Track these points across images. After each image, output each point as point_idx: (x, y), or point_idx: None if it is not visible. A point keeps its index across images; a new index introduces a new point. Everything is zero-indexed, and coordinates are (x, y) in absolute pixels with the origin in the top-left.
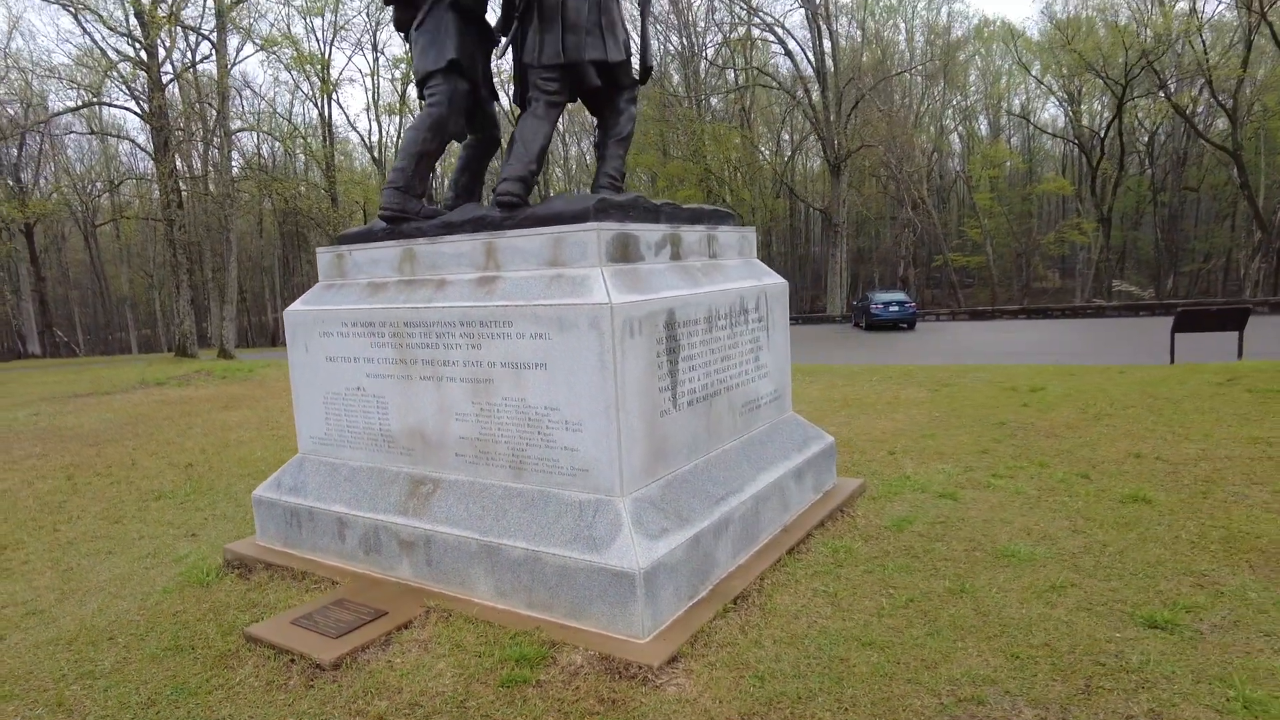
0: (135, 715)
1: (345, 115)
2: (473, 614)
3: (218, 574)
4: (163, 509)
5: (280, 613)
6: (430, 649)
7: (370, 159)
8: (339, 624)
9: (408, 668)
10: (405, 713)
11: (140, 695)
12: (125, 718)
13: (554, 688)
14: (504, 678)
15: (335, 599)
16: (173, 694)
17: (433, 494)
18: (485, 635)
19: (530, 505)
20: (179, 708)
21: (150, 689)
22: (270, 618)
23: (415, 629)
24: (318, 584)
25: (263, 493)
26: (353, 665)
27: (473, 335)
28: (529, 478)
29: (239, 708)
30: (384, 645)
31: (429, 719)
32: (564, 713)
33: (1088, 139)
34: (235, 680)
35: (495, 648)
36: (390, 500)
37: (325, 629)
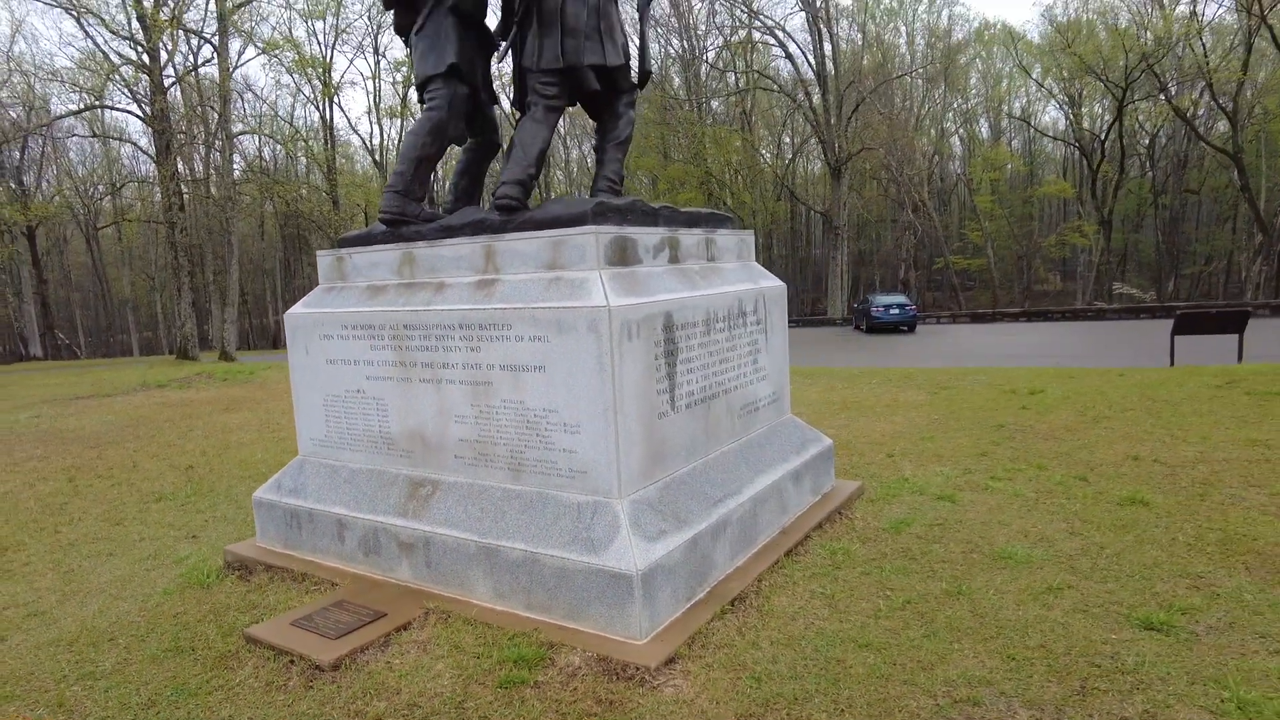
0: (136, 716)
1: (347, 118)
2: (471, 615)
3: (218, 575)
4: (163, 511)
5: (280, 614)
6: (429, 650)
7: (371, 162)
8: (338, 625)
9: (406, 669)
10: (404, 713)
11: (141, 696)
12: (126, 718)
13: (552, 689)
14: (502, 679)
15: (335, 600)
16: (173, 695)
17: (432, 496)
18: (484, 636)
19: (529, 507)
20: (179, 708)
21: (150, 690)
22: (270, 619)
23: (414, 630)
24: (317, 585)
25: (263, 495)
26: (352, 666)
27: (472, 338)
28: (528, 480)
29: (239, 708)
30: (383, 646)
31: None
32: (561, 713)
33: (1088, 142)
34: (235, 681)
35: (494, 649)
36: (390, 502)
37: (325, 630)
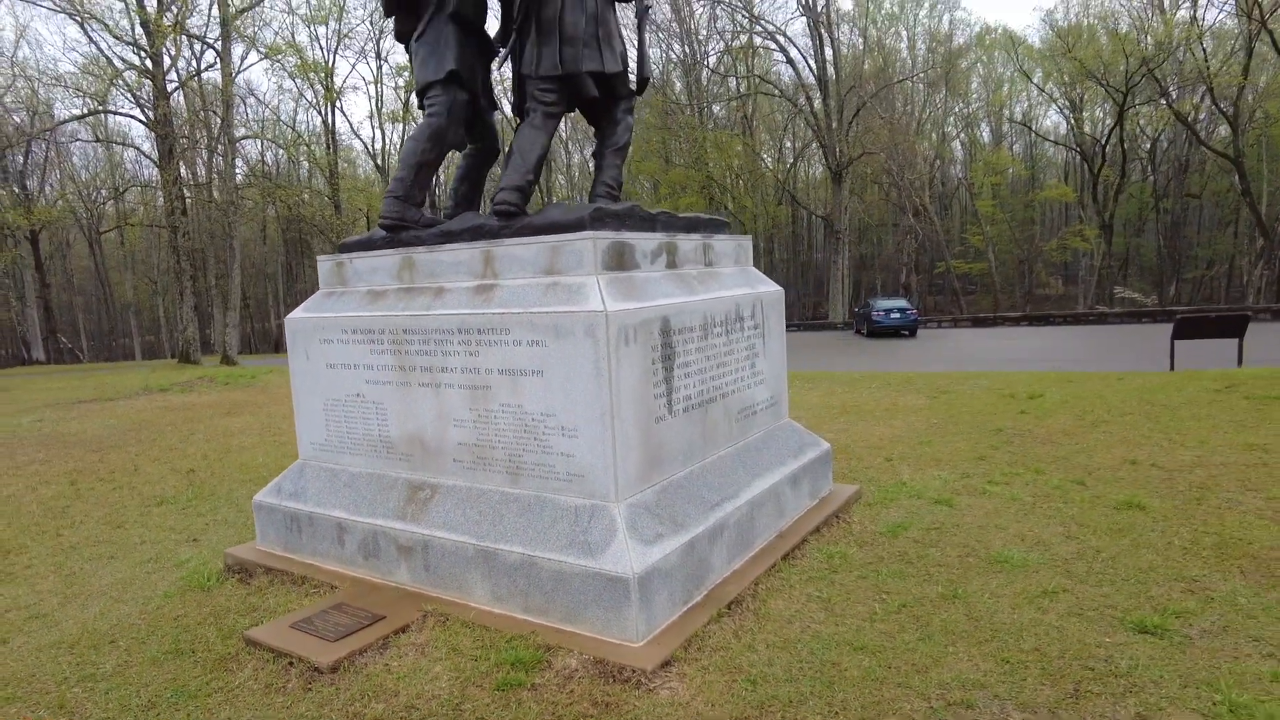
0: (136, 717)
1: (349, 123)
2: (469, 618)
3: (218, 578)
4: (165, 514)
5: (280, 617)
6: (427, 653)
7: (373, 166)
8: (337, 628)
9: (404, 671)
10: (401, 715)
11: (141, 698)
12: None
13: (548, 691)
14: (499, 681)
15: (334, 603)
16: (173, 696)
17: (431, 499)
18: (481, 639)
19: (526, 510)
20: (179, 710)
21: (151, 691)
22: (270, 621)
23: (412, 633)
24: (317, 588)
25: (263, 498)
26: (350, 668)
27: (470, 342)
28: (525, 483)
29: (238, 710)
30: (381, 649)
31: None
32: (558, 716)
33: (1089, 146)
34: (235, 683)
35: (491, 651)
36: (389, 506)
37: (324, 633)
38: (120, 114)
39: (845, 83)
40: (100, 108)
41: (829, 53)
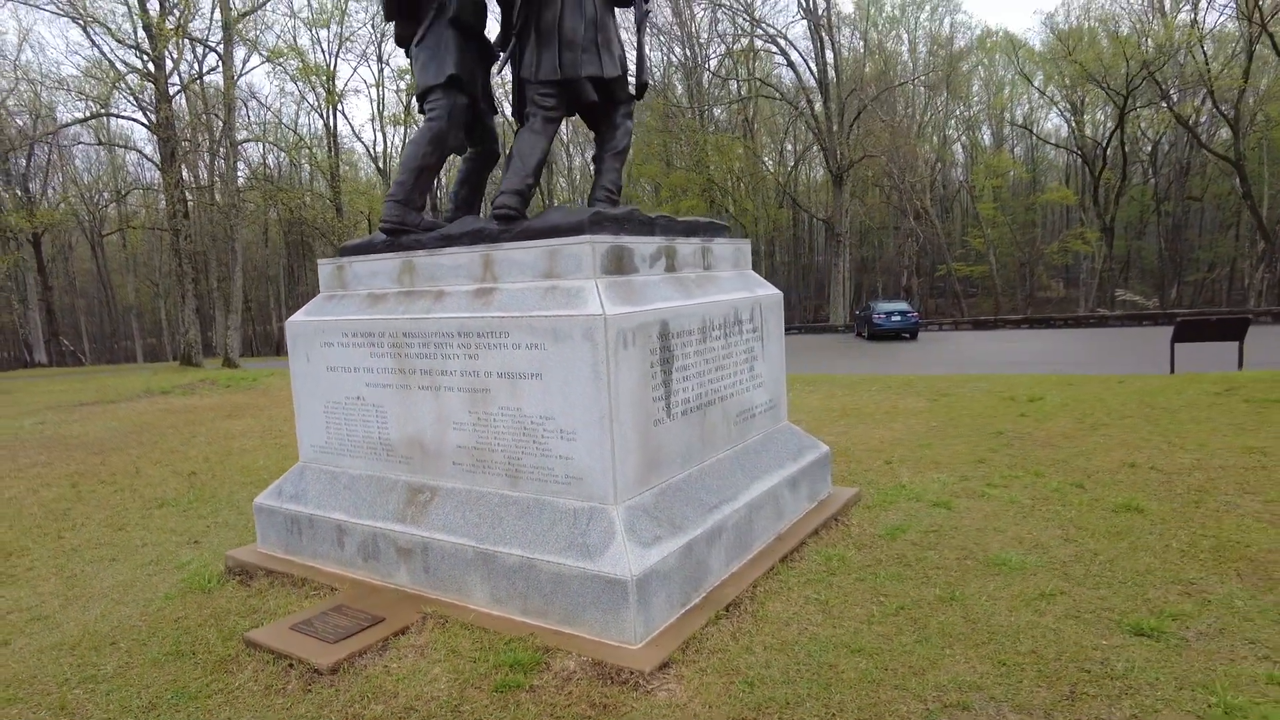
0: (136, 718)
1: (350, 126)
2: (469, 620)
3: (219, 580)
4: (166, 516)
5: (280, 618)
6: (426, 654)
7: (375, 169)
8: (337, 630)
9: (404, 673)
10: (400, 717)
11: (141, 699)
12: None
13: (546, 693)
14: (498, 683)
15: (334, 605)
16: (173, 698)
17: (430, 502)
18: (480, 641)
19: (525, 513)
20: (179, 711)
21: (151, 693)
22: (270, 623)
23: (412, 635)
24: (317, 590)
25: (264, 500)
26: (350, 670)
27: (470, 346)
28: (525, 486)
29: (238, 711)
30: (381, 651)
31: None
32: (556, 717)
33: (1090, 149)
34: (235, 684)
35: (490, 653)
36: (389, 508)
37: (324, 634)
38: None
39: (846, 86)
40: (103, 111)
41: (830, 56)
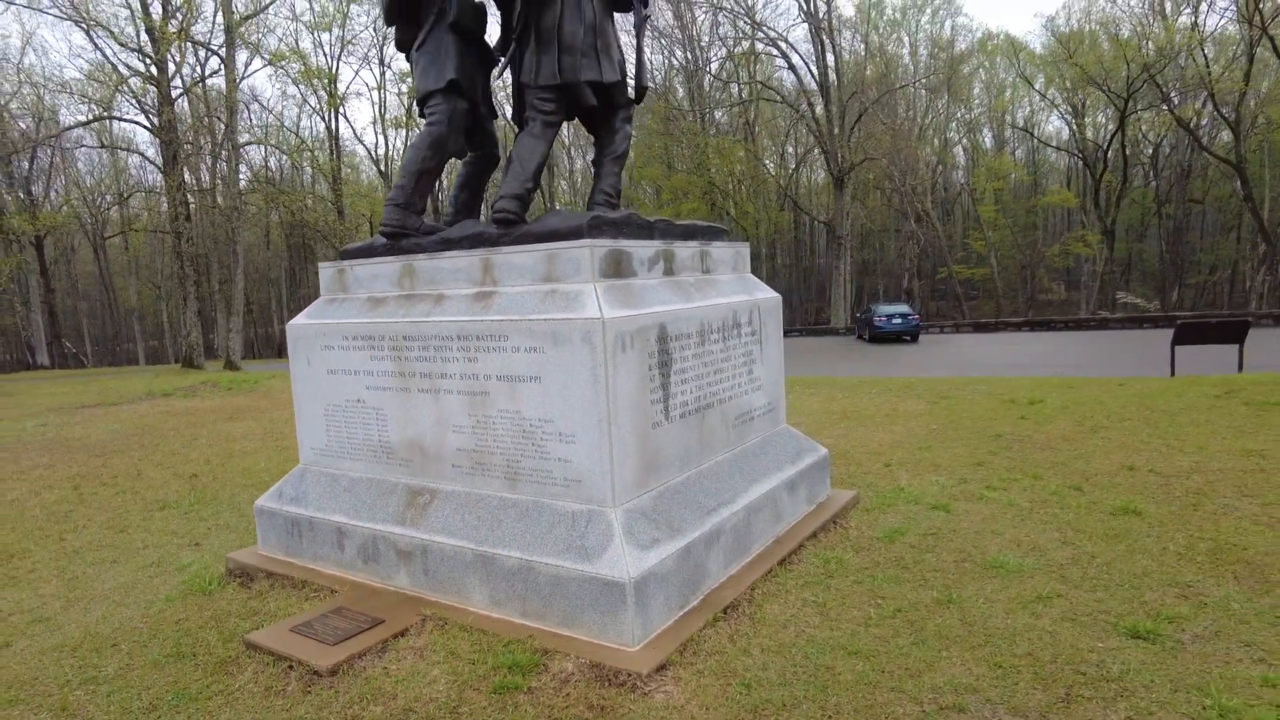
0: None
1: (352, 129)
2: (468, 622)
3: (220, 582)
4: (167, 519)
5: (280, 620)
6: (425, 656)
7: (377, 172)
8: (337, 632)
9: (403, 674)
10: (399, 718)
11: (142, 701)
12: None
13: (544, 694)
14: (496, 685)
15: (334, 607)
16: (173, 699)
17: (430, 504)
18: (479, 643)
19: (524, 516)
20: (179, 713)
21: (152, 694)
22: (270, 625)
23: (411, 637)
24: (317, 592)
25: (264, 503)
26: (349, 672)
27: (469, 349)
28: (523, 489)
29: (238, 713)
30: (380, 653)
31: None
32: (553, 719)
33: (1091, 151)
34: (235, 686)
35: (488, 655)
36: (388, 511)
37: (323, 636)
38: (125, 120)
39: (847, 88)
40: (105, 114)
41: (831, 59)
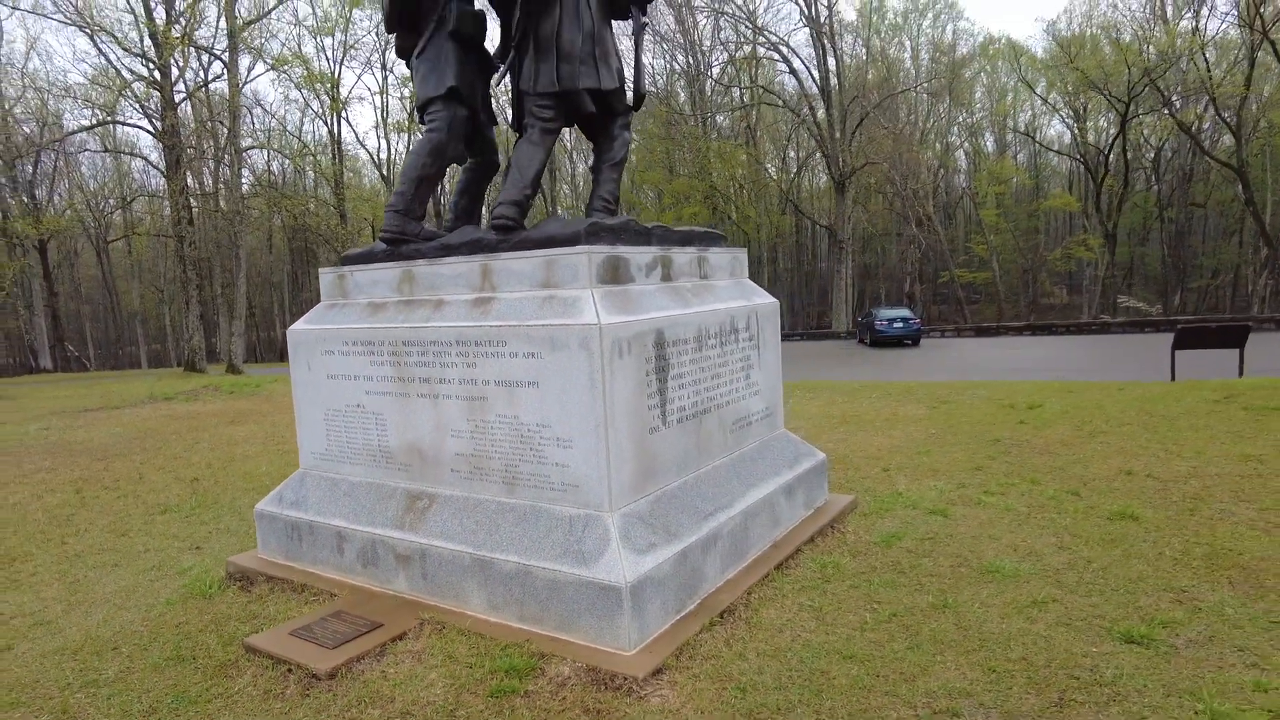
0: None
1: (354, 133)
2: (466, 626)
3: (220, 586)
4: (168, 522)
5: (279, 624)
6: (423, 660)
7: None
8: (336, 635)
9: (401, 678)
10: None
11: (142, 703)
12: None
13: (541, 698)
14: (493, 688)
15: (333, 611)
16: (173, 702)
17: (429, 509)
18: (477, 647)
19: (522, 520)
20: (179, 715)
21: (152, 697)
22: (270, 629)
23: (409, 640)
24: (316, 596)
25: (265, 507)
26: (348, 675)
27: (468, 354)
28: (521, 493)
29: (237, 715)
30: (379, 656)
31: None
32: None
33: (1093, 156)
34: (234, 689)
35: (486, 659)
36: (388, 515)
37: (323, 640)
38: (128, 124)
39: (848, 93)
40: (109, 118)
41: (832, 63)
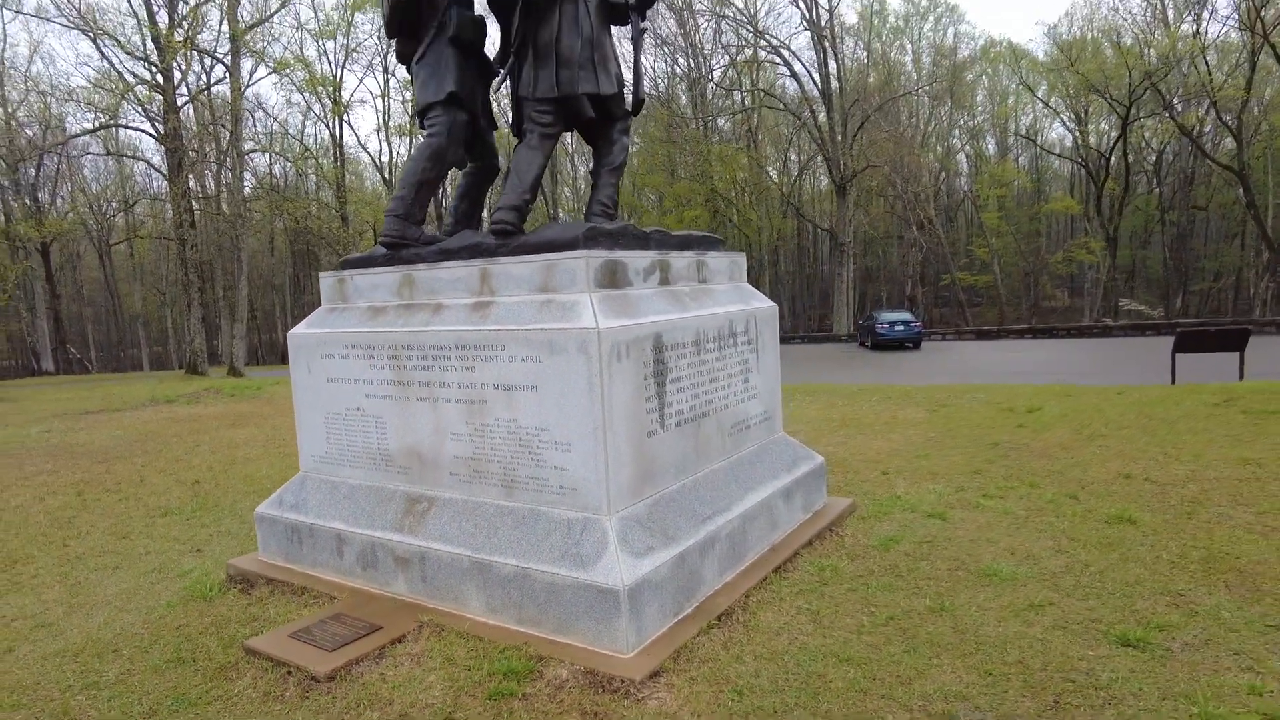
0: None
1: (356, 136)
2: (464, 629)
3: (220, 589)
4: (169, 525)
5: (279, 626)
6: (422, 662)
7: (380, 179)
8: (335, 638)
9: (399, 680)
10: None
11: (142, 705)
12: None
13: (539, 700)
14: (491, 690)
15: (333, 613)
16: (173, 704)
17: (428, 512)
18: (475, 649)
19: (521, 523)
20: (179, 717)
21: (152, 699)
22: (269, 631)
23: (408, 643)
24: (316, 599)
25: (265, 510)
26: (347, 677)
27: (467, 358)
28: (520, 496)
29: (237, 718)
30: (378, 658)
31: None
32: None
33: (1094, 159)
34: (234, 691)
35: (484, 661)
36: (387, 518)
37: (322, 642)
38: (131, 128)
39: (850, 96)
40: (111, 122)
41: (833, 66)
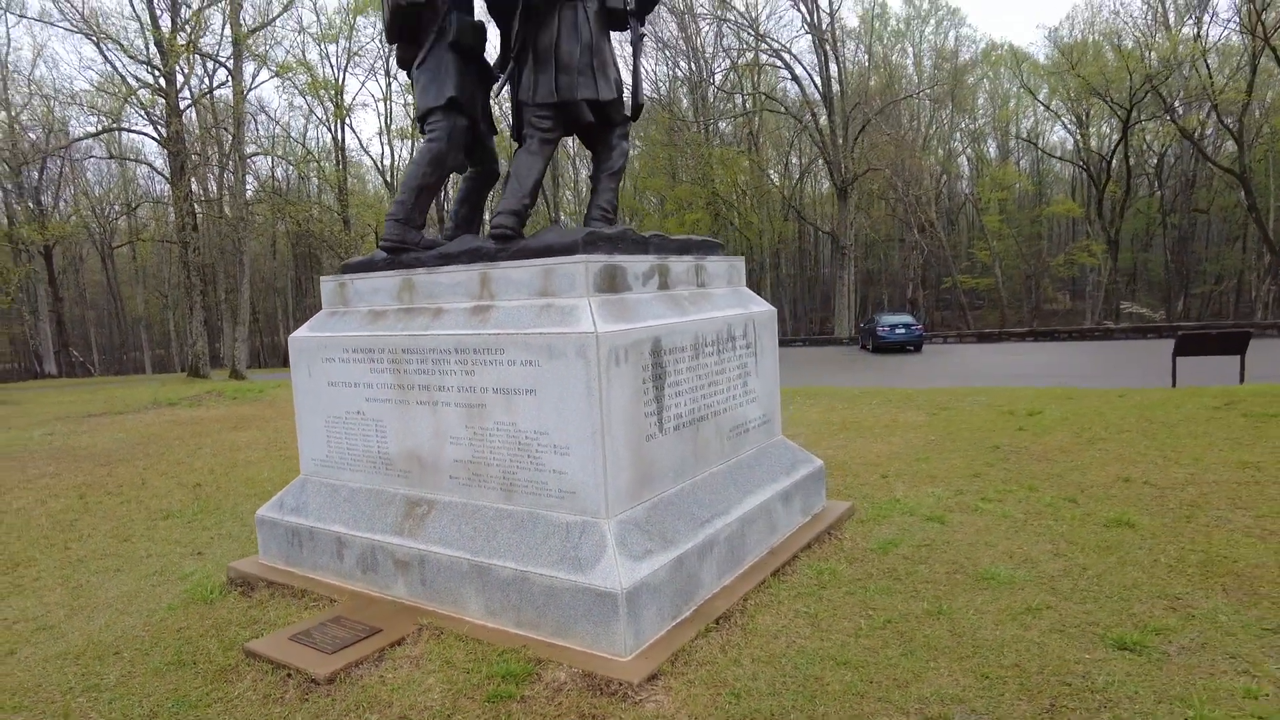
0: None
1: (358, 139)
2: (463, 632)
3: (221, 591)
4: (171, 528)
5: (279, 629)
6: (421, 665)
7: (382, 182)
8: (335, 640)
9: (399, 683)
10: None
11: (143, 708)
12: None
13: (537, 703)
14: (490, 693)
15: (333, 616)
16: (174, 706)
17: (427, 515)
18: (474, 652)
19: (520, 526)
20: (179, 719)
21: (152, 702)
22: (270, 634)
23: (408, 646)
24: (316, 602)
25: (266, 513)
26: (346, 680)
27: (467, 362)
28: (519, 500)
29: None
30: (377, 661)
31: None
32: None
33: (1095, 162)
34: (234, 694)
35: (483, 664)
36: (387, 521)
37: (322, 645)
38: (134, 131)
39: (851, 99)
40: (114, 125)
41: (834, 69)
